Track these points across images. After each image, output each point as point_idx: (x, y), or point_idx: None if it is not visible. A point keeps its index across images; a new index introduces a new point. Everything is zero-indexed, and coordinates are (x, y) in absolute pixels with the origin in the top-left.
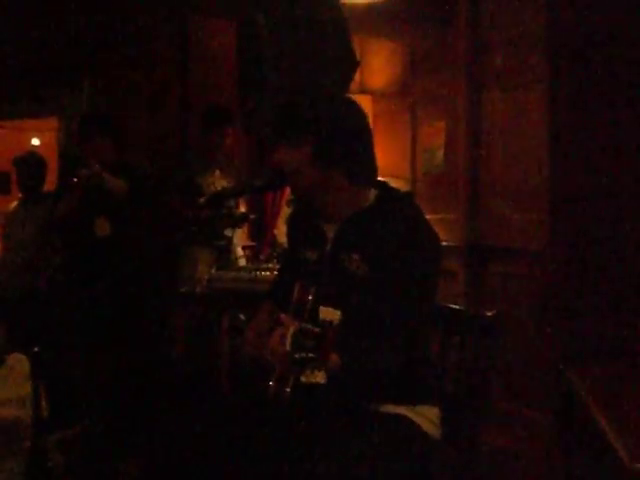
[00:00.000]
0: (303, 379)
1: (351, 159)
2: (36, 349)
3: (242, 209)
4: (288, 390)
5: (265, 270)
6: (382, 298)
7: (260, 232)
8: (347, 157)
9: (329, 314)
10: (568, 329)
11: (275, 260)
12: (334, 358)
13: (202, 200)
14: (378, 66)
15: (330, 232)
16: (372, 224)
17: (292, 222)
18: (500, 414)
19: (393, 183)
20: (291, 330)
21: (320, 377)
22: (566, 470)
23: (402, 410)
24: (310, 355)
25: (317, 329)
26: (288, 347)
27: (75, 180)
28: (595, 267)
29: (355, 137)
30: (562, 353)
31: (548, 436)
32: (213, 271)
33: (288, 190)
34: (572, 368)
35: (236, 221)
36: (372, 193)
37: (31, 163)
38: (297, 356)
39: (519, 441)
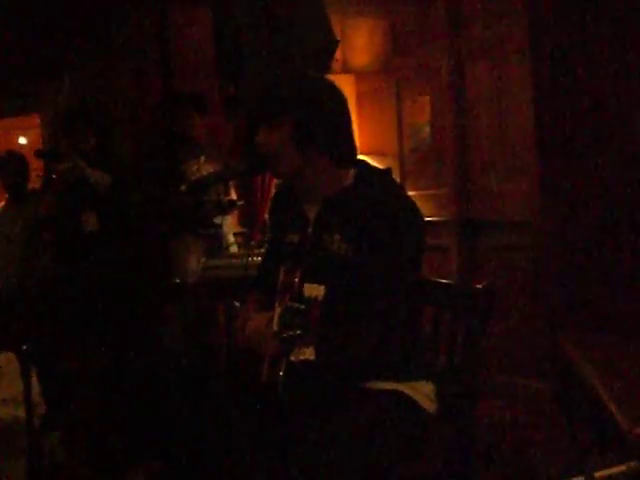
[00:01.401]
0: (292, 358)
1: (331, 140)
2: (25, 347)
3: (233, 196)
4: (281, 374)
5: (257, 255)
6: (365, 276)
7: (250, 218)
8: (327, 138)
9: (314, 290)
10: (561, 298)
11: (266, 245)
12: (320, 331)
13: (183, 187)
14: (360, 44)
15: (311, 214)
16: (352, 203)
17: (274, 206)
18: (497, 386)
19: (381, 161)
20: (278, 311)
21: (309, 353)
22: (567, 439)
23: (398, 386)
24: (297, 332)
25: (302, 306)
26: (275, 327)
27: (53, 176)
28: (586, 236)
29: (334, 117)
30: (557, 322)
31: (547, 406)
32: (205, 260)
33: None
34: (567, 337)
35: (224, 208)
36: (351, 172)
37: (10, 162)
38: (285, 335)
39: (518, 412)
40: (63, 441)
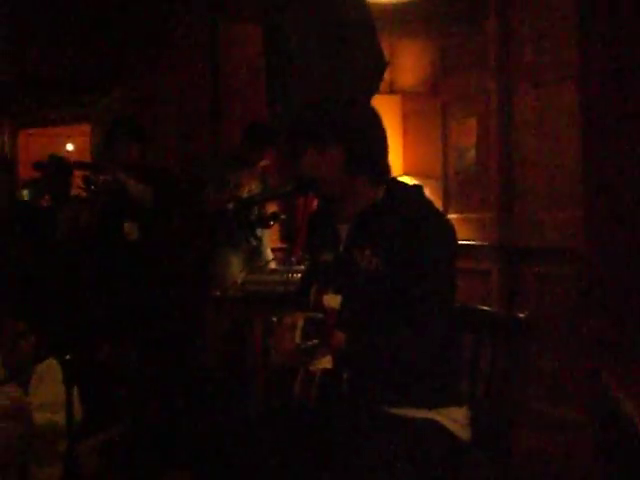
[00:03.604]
0: (311, 367)
1: (375, 163)
2: (68, 357)
3: (271, 209)
4: (312, 391)
5: (297, 272)
6: (395, 289)
7: (291, 234)
8: (372, 162)
9: (331, 300)
10: (603, 330)
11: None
12: (337, 339)
13: (230, 206)
14: (408, 65)
15: (344, 232)
16: (381, 219)
17: (311, 225)
18: (534, 416)
19: (425, 182)
20: (300, 323)
21: (326, 362)
22: (604, 474)
23: (431, 414)
24: (315, 341)
25: (320, 315)
26: (298, 340)
27: (93, 188)
28: (631, 266)
29: (379, 142)
30: (597, 354)
31: (585, 438)
32: (245, 274)
33: None
34: (610, 371)
35: (267, 220)
36: (382, 189)
37: (52, 167)
38: (304, 346)
39: (556, 443)
40: (96, 449)
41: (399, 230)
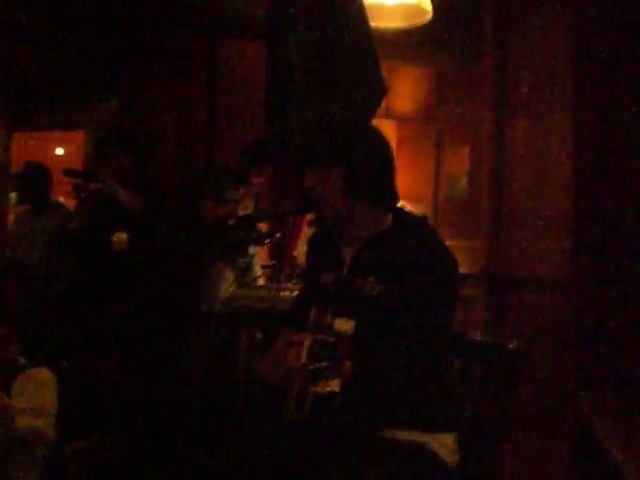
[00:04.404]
0: (318, 389)
1: (377, 187)
2: (63, 363)
3: (264, 227)
4: (306, 409)
5: (285, 290)
6: (397, 319)
7: (280, 252)
8: (373, 185)
9: (343, 325)
10: (590, 360)
11: (295, 280)
12: (348, 366)
13: (232, 222)
14: (404, 92)
15: (347, 255)
16: (388, 247)
17: (311, 245)
18: (519, 444)
19: (415, 207)
20: (306, 343)
21: (334, 385)
22: None
23: (420, 437)
24: (325, 364)
25: (332, 339)
26: (304, 359)
27: (83, 195)
28: (619, 297)
29: (381, 166)
30: (583, 384)
31: (565, 467)
32: (233, 289)
33: None
34: (591, 400)
35: (263, 239)
36: (389, 217)
37: (29, 174)
38: (312, 367)
39: (537, 472)
40: (76, 456)
41: (404, 259)
